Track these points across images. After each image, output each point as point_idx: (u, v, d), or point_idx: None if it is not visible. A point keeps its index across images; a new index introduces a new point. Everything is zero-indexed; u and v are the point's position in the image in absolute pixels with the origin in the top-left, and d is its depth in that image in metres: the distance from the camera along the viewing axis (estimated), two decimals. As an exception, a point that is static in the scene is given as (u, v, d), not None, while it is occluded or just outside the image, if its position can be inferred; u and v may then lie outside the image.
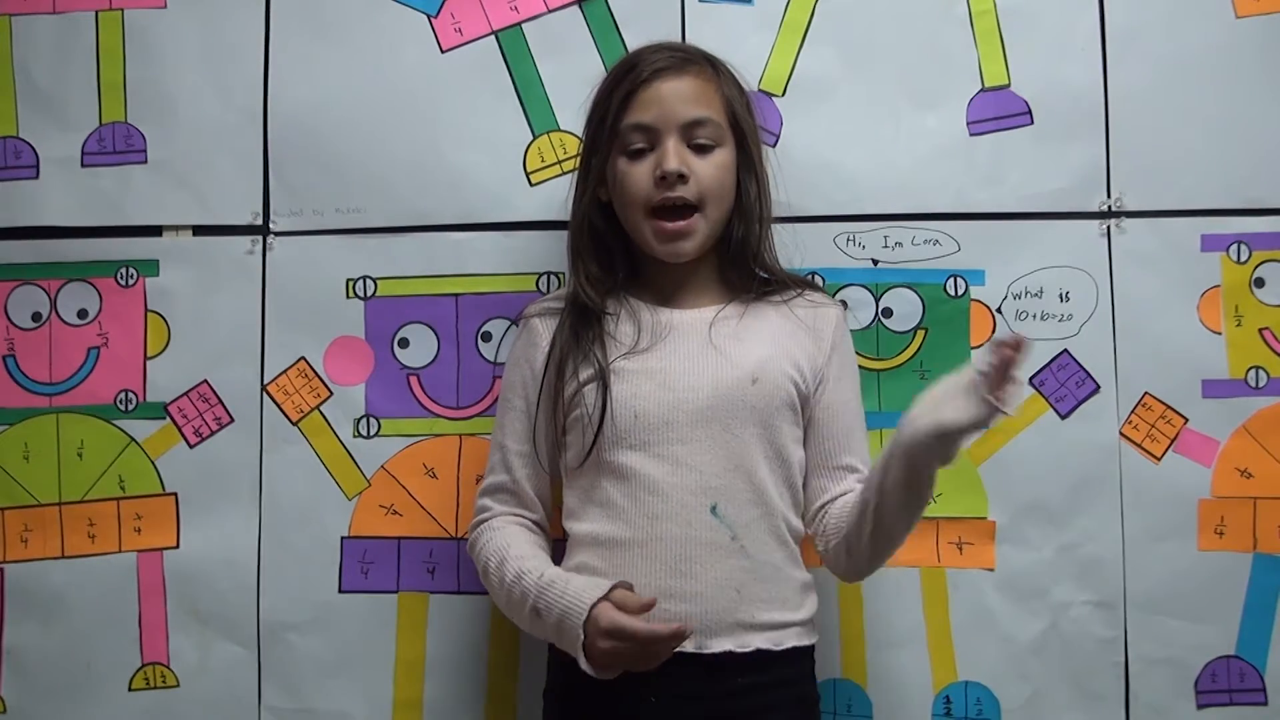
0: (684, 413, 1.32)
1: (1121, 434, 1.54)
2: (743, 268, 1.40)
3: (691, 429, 1.31)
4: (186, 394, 1.59)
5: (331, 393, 1.59)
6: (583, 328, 1.37)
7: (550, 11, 1.60)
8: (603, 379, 1.33)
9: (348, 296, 1.59)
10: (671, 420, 1.32)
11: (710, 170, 1.34)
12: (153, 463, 1.59)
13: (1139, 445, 1.54)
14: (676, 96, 1.34)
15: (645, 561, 1.29)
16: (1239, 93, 1.55)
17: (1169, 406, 1.54)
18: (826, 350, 1.38)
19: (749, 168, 1.39)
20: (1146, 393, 1.54)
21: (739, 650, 1.28)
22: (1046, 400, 1.54)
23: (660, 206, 1.34)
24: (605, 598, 1.23)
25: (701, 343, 1.35)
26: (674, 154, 1.33)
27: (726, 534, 1.30)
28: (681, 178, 1.33)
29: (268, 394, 1.59)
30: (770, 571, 1.32)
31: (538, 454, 1.39)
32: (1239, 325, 1.54)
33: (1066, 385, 1.54)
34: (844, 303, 1.54)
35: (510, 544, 1.35)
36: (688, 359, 1.34)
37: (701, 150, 1.35)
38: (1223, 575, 1.52)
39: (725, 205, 1.37)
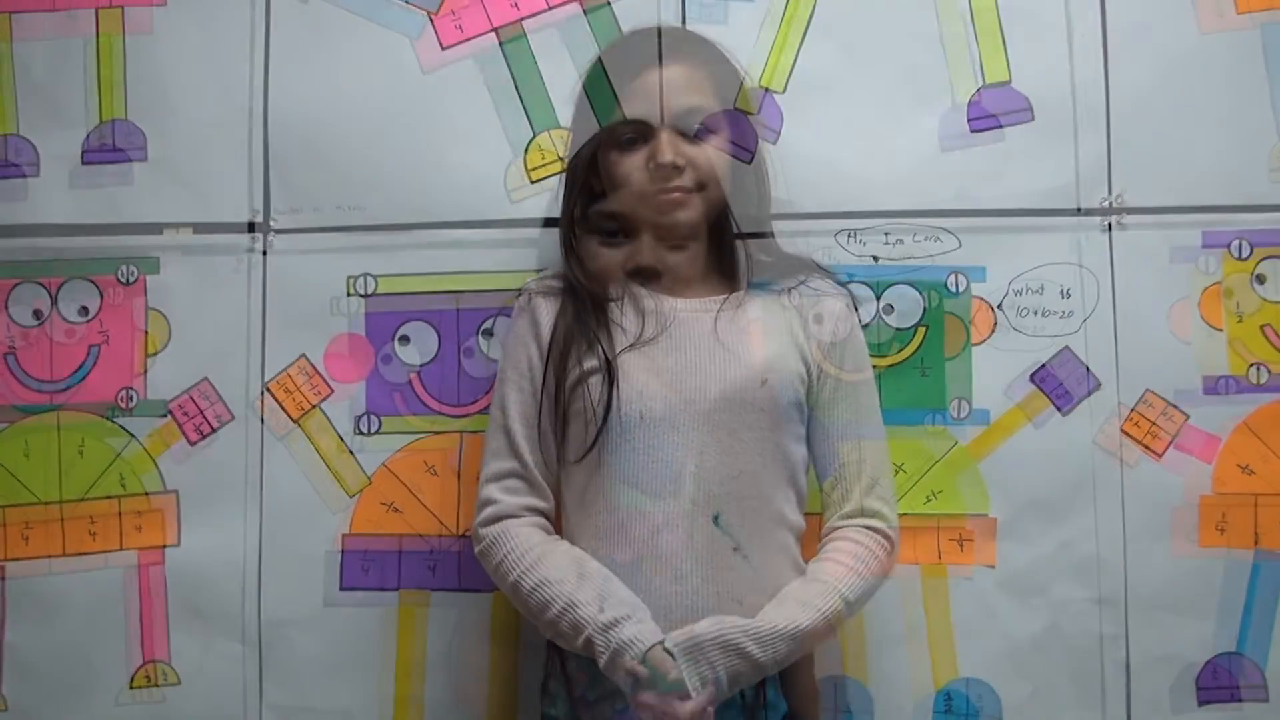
0: (689, 415, 1.30)
1: (1123, 431, 1.53)
2: (736, 254, 1.38)
3: (695, 432, 1.29)
4: (187, 392, 1.59)
5: (332, 390, 1.59)
6: (585, 311, 1.34)
7: (551, 9, 1.60)
8: (609, 372, 1.31)
9: (348, 294, 1.59)
10: (677, 423, 1.30)
11: (707, 152, 1.34)
12: (153, 461, 1.59)
13: (1140, 442, 1.53)
14: (666, 87, 1.32)
15: (644, 575, 1.27)
16: (1240, 90, 1.55)
17: (1170, 403, 1.53)
18: (826, 343, 1.37)
19: None
20: (1148, 389, 1.53)
21: None
22: (1047, 397, 1.54)
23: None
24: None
25: (708, 339, 1.33)
26: (668, 145, 1.31)
27: (729, 544, 1.28)
28: (677, 168, 1.32)
29: (268, 392, 1.59)
30: (772, 580, 1.30)
31: (542, 438, 1.34)
32: (1240, 322, 1.54)
33: (1067, 382, 1.54)
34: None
35: (545, 558, 1.28)
36: (695, 357, 1.32)
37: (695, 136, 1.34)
38: (1224, 572, 1.52)
39: (724, 187, 1.36)
